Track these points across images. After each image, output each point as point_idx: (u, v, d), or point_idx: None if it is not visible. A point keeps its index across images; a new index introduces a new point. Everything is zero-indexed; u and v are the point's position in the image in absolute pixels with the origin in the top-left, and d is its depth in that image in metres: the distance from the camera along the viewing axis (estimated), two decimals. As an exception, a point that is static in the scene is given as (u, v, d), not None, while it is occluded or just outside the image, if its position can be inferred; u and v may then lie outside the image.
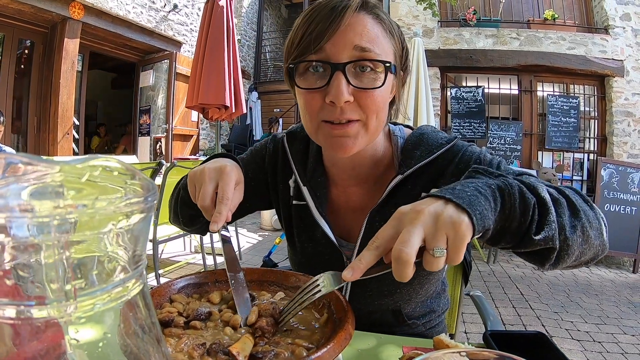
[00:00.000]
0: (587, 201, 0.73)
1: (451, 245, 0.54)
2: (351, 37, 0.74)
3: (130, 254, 0.25)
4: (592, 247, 0.70)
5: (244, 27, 9.60)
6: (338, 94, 0.73)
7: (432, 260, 0.54)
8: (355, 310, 0.91)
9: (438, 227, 0.54)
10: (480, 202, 0.58)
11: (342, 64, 0.74)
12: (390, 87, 0.81)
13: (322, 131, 0.80)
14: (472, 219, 0.55)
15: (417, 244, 0.53)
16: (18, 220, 0.20)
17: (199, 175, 0.81)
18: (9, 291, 0.22)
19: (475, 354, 0.42)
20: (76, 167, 0.22)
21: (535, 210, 0.63)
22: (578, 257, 0.69)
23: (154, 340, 0.29)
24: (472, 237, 0.56)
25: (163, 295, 0.69)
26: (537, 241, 0.62)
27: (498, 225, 0.62)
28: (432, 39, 6.20)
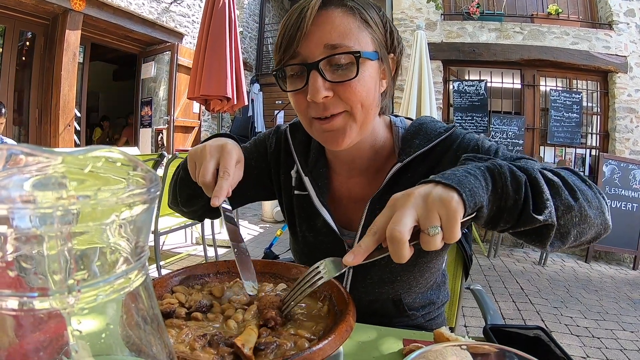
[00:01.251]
0: (584, 181, 0.73)
1: (445, 223, 0.56)
2: (320, 37, 0.77)
3: (133, 245, 0.25)
4: (592, 226, 0.70)
5: (246, 18, 9.55)
6: (314, 92, 0.76)
7: (429, 240, 0.56)
8: (356, 299, 0.92)
9: (429, 207, 0.56)
10: (470, 181, 0.60)
11: (315, 63, 0.77)
12: (374, 74, 0.81)
13: (314, 128, 0.85)
14: (461, 195, 0.57)
15: (408, 224, 0.55)
16: (20, 212, 0.20)
17: (199, 152, 0.82)
18: (12, 282, 0.22)
19: (476, 347, 0.42)
20: (79, 158, 0.22)
21: (528, 187, 0.64)
22: (578, 237, 0.70)
23: (156, 331, 0.29)
24: (466, 214, 0.58)
25: (164, 287, 0.69)
26: (535, 218, 0.63)
27: (494, 206, 0.64)
28: (435, 32, 6.16)
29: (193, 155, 0.83)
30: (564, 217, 0.66)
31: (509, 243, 5.83)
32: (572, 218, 0.67)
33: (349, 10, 0.79)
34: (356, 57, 0.76)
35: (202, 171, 0.78)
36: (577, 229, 0.68)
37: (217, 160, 0.79)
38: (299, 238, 1.02)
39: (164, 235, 3.27)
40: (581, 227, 0.69)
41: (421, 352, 0.40)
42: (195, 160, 0.82)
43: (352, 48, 0.76)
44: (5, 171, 0.21)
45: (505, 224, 0.66)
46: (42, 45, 5.51)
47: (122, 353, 0.27)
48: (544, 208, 0.64)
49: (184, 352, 0.51)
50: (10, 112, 5.09)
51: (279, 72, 0.83)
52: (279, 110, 9.06)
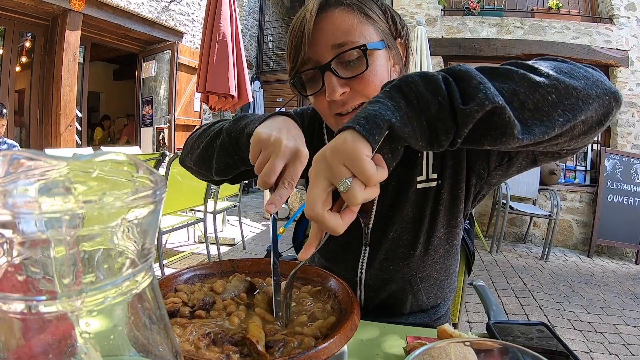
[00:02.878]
0: (563, 61, 0.66)
1: (352, 169, 0.52)
2: (325, 39, 0.80)
3: (140, 248, 0.25)
4: (587, 98, 0.60)
5: (246, 16, 9.53)
6: (331, 91, 0.80)
7: (346, 196, 0.53)
8: (371, 277, 0.96)
9: (329, 163, 0.53)
10: (366, 111, 0.55)
11: (327, 65, 0.80)
12: (384, 62, 0.84)
13: (337, 123, 0.86)
14: (354, 129, 0.53)
15: (318, 195, 0.53)
16: (27, 216, 0.21)
17: (272, 142, 0.71)
18: (20, 286, 0.22)
19: (479, 343, 0.43)
20: (85, 162, 0.23)
21: (450, 82, 0.57)
22: (572, 115, 0.59)
23: (162, 331, 0.29)
24: (374, 144, 0.53)
25: (169, 286, 0.69)
26: (469, 109, 0.55)
27: (422, 121, 0.57)
28: (435, 27, 6.14)
29: (264, 141, 0.72)
30: (533, 97, 0.57)
31: (511, 238, 5.84)
32: (545, 95, 0.57)
33: (347, 7, 0.81)
34: (363, 51, 0.79)
35: (268, 168, 0.69)
36: (561, 107, 0.58)
37: (287, 163, 0.70)
38: None
39: (166, 234, 3.28)
40: (568, 103, 0.59)
41: (425, 349, 0.41)
42: (263, 148, 0.72)
43: (357, 43, 0.79)
44: (11, 176, 0.22)
45: (447, 135, 0.57)
46: (42, 45, 5.51)
47: (130, 354, 0.27)
48: (477, 92, 0.55)
49: (189, 351, 0.51)
50: (11, 113, 5.09)
51: (295, 80, 0.86)
52: (279, 108, 9.06)
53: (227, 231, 5.05)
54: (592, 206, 5.55)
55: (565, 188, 5.73)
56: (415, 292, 0.98)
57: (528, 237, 5.77)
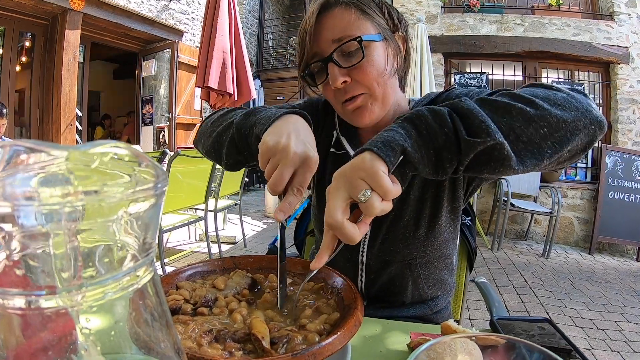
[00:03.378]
0: (551, 87, 0.69)
1: (371, 183, 0.58)
2: (325, 35, 0.88)
3: (141, 242, 0.24)
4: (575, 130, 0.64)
5: (246, 14, 9.52)
6: (333, 79, 0.87)
7: (365, 206, 0.58)
8: (372, 258, 0.99)
9: (349, 177, 0.59)
10: (382, 137, 0.62)
11: (329, 57, 0.88)
12: (381, 53, 0.89)
13: (344, 111, 0.94)
14: (372, 150, 0.59)
15: (339, 205, 0.58)
16: (26, 209, 0.20)
17: (280, 150, 0.70)
18: (19, 281, 0.21)
19: (484, 338, 0.42)
20: (85, 154, 0.22)
21: (455, 117, 0.63)
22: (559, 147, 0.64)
23: (164, 327, 0.28)
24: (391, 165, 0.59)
25: (170, 283, 0.69)
26: (474, 141, 0.61)
27: (429, 150, 0.63)
28: (435, 25, 6.13)
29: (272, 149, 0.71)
30: (527, 131, 0.62)
31: (512, 235, 5.83)
32: (538, 129, 0.62)
33: (346, 6, 0.89)
34: (359, 42, 0.85)
35: (277, 177, 0.68)
36: (551, 139, 0.63)
37: (296, 168, 0.69)
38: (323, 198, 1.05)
39: (167, 232, 3.28)
40: (557, 135, 0.63)
41: (430, 345, 0.40)
42: (271, 157, 0.71)
43: (354, 36, 0.86)
44: (9, 169, 0.21)
45: (451, 163, 0.63)
46: (42, 45, 5.51)
47: (131, 350, 0.27)
48: (480, 130, 0.61)
49: (191, 348, 0.51)
50: (12, 112, 5.10)
51: (306, 72, 0.94)
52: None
53: (228, 229, 5.05)
54: (593, 203, 5.54)
55: (567, 185, 5.73)
56: (415, 278, 0.99)
57: (529, 234, 5.77)
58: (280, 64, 9.99)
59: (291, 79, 9.24)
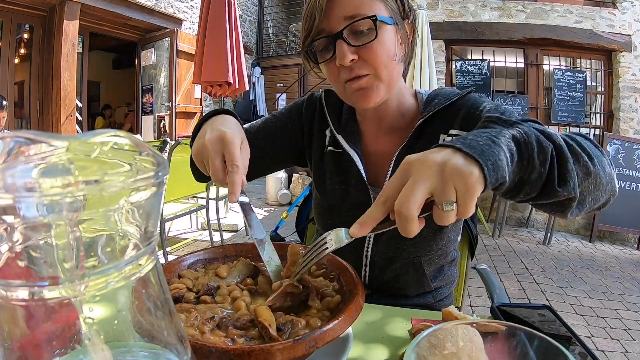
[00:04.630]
0: (597, 147, 0.72)
1: (460, 199, 0.52)
2: (337, 12, 0.85)
3: (142, 231, 0.24)
4: (604, 192, 0.69)
5: (245, 2, 9.43)
6: (341, 56, 0.85)
7: (442, 215, 0.53)
8: (377, 254, 0.99)
9: (445, 179, 0.52)
10: (494, 152, 0.55)
11: (339, 33, 0.85)
12: (392, 37, 0.88)
13: (346, 90, 0.91)
14: (483, 170, 0.52)
15: (419, 199, 0.52)
16: (27, 201, 0.20)
17: (202, 150, 0.79)
18: (22, 273, 0.22)
19: (485, 325, 0.43)
20: (85, 143, 0.22)
21: (554, 158, 0.61)
22: (592, 204, 0.69)
23: (167, 316, 0.29)
24: (484, 190, 0.54)
25: (172, 272, 0.69)
26: (559, 192, 0.61)
27: (516, 177, 0.60)
28: (436, 11, 6.07)
29: (198, 155, 0.81)
30: (583, 185, 0.64)
31: (513, 223, 5.84)
32: (589, 185, 0.65)
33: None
34: (373, 21, 0.83)
35: (211, 170, 0.76)
36: (592, 196, 0.67)
37: (222, 154, 0.77)
38: (328, 192, 1.06)
39: (169, 221, 3.29)
40: (595, 194, 0.67)
41: (431, 331, 0.41)
42: (202, 159, 0.80)
43: (367, 15, 0.84)
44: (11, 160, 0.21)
45: (525, 196, 0.64)
46: (40, 36, 5.47)
47: (134, 339, 0.27)
48: (569, 179, 0.61)
49: (194, 335, 0.51)
50: (12, 105, 5.08)
51: (308, 50, 0.92)
52: (280, 94, 9.01)
53: (229, 217, 5.06)
54: (594, 191, 5.53)
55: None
56: (419, 275, 1.00)
57: (530, 221, 5.78)
58: (281, 51, 9.91)
59: (291, 66, 9.18)
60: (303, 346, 0.47)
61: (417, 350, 0.38)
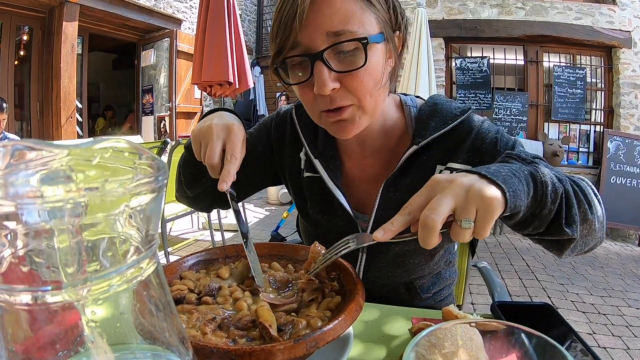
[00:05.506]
0: (596, 194, 0.74)
1: (480, 218, 0.55)
2: (321, 23, 0.69)
3: (143, 234, 0.25)
4: (594, 238, 0.73)
5: (244, 1, 9.42)
6: (320, 85, 0.71)
7: (460, 232, 0.55)
8: (369, 283, 0.95)
9: (469, 199, 0.55)
10: (514, 182, 0.59)
11: (319, 53, 0.70)
12: (381, 58, 0.75)
13: (322, 120, 0.81)
14: (505, 194, 0.56)
15: (445, 212, 0.54)
16: (29, 207, 0.21)
17: (205, 131, 0.78)
18: (25, 277, 0.22)
19: (484, 324, 0.43)
20: (86, 150, 0.22)
21: (563, 200, 0.65)
22: (582, 247, 0.73)
23: (168, 317, 0.29)
24: (502, 213, 0.57)
25: (174, 273, 0.70)
26: (564, 231, 0.65)
27: (529, 211, 0.64)
28: (435, 9, 6.06)
29: (198, 135, 0.80)
30: (584, 231, 0.69)
31: (514, 221, 5.83)
32: (583, 230, 0.69)
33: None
34: (363, 44, 0.70)
35: (209, 152, 0.75)
36: (584, 240, 0.71)
37: (224, 141, 0.77)
38: (312, 221, 0.99)
39: (170, 221, 3.30)
40: (587, 239, 0.72)
41: (431, 330, 0.41)
42: (201, 140, 0.79)
43: (357, 33, 0.70)
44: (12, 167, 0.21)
45: (533, 230, 0.67)
46: (39, 38, 5.47)
47: (136, 341, 0.27)
48: (574, 222, 0.66)
49: (195, 336, 0.52)
50: (12, 107, 5.08)
51: (279, 64, 0.77)
52: (281, 93, 9.01)
53: (230, 217, 5.05)
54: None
55: (568, 170, 5.71)
56: (413, 293, 0.98)
57: (531, 219, 5.76)
58: (281, 51, 9.89)
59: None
60: (304, 346, 0.47)
61: (416, 349, 0.39)
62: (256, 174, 1.03)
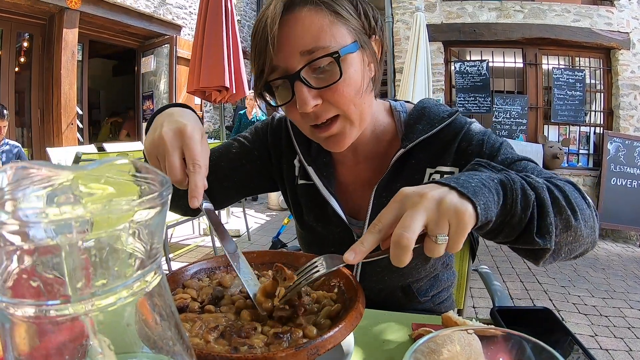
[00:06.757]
0: (584, 198, 0.72)
1: (453, 233, 0.54)
2: (293, 44, 0.72)
3: (148, 248, 0.25)
4: (583, 244, 0.71)
5: (243, 7, 9.46)
6: (302, 104, 0.73)
7: (434, 247, 0.54)
8: (367, 288, 0.93)
9: (441, 214, 0.53)
10: (484, 194, 0.57)
11: (296, 73, 0.73)
12: (358, 67, 0.77)
13: (313, 135, 0.83)
14: (476, 208, 0.55)
15: (418, 229, 0.52)
16: (36, 223, 0.21)
17: (157, 144, 0.69)
18: (34, 292, 0.22)
19: (483, 331, 0.43)
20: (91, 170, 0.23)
21: (535, 208, 0.63)
22: (569, 254, 0.70)
23: (172, 327, 0.30)
24: (474, 227, 0.56)
25: (177, 282, 0.70)
26: (535, 241, 0.63)
27: (498, 220, 0.62)
28: (434, 13, 6.08)
29: (151, 150, 0.70)
30: (560, 236, 0.66)
31: (515, 224, 5.82)
32: (567, 237, 0.67)
33: (316, 6, 0.73)
34: (335, 58, 0.72)
35: (168, 169, 0.67)
36: (569, 247, 0.69)
37: (181, 150, 0.68)
38: (307, 228, 1.01)
39: (172, 227, 3.30)
40: (573, 245, 0.69)
41: (430, 337, 0.41)
42: (157, 155, 0.69)
43: (329, 48, 0.72)
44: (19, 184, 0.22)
45: (504, 238, 0.66)
46: (40, 45, 5.51)
47: (141, 350, 0.28)
48: (547, 232, 0.63)
49: (198, 344, 0.52)
50: (12, 113, 5.10)
51: (262, 89, 0.79)
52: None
53: (231, 223, 5.07)
54: (595, 190, 5.53)
55: (569, 172, 5.71)
56: (410, 297, 0.99)
57: (532, 221, 5.75)
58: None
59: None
60: (305, 354, 0.48)
61: (415, 355, 0.39)
62: (251, 178, 1.03)
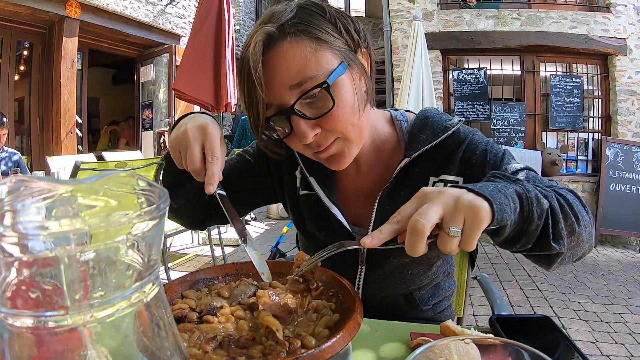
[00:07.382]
0: (584, 205, 0.75)
1: (467, 228, 0.56)
2: (280, 81, 0.73)
3: (146, 260, 0.26)
4: (582, 248, 0.74)
5: (242, 17, 9.52)
6: (301, 136, 0.76)
7: (447, 240, 0.56)
8: (368, 296, 0.96)
9: (458, 207, 0.56)
10: (500, 197, 0.59)
11: (290, 108, 0.74)
12: (349, 88, 0.77)
13: (316, 157, 0.85)
14: (492, 206, 0.57)
15: (433, 218, 0.55)
16: (35, 235, 0.21)
17: (181, 137, 0.77)
18: (33, 303, 0.23)
19: (481, 340, 0.43)
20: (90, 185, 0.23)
21: (549, 215, 0.65)
22: (571, 258, 0.74)
23: (170, 337, 0.30)
24: (489, 225, 0.58)
25: (175, 292, 0.70)
26: (552, 246, 0.66)
27: (516, 228, 0.64)
28: (432, 21, 6.12)
29: (175, 142, 0.78)
30: (570, 244, 0.69)
31: (514, 230, 5.81)
32: (571, 242, 0.69)
33: (295, 37, 0.73)
34: (325, 89, 0.73)
35: (189, 157, 0.74)
36: (572, 251, 0.72)
37: (202, 144, 0.75)
38: (310, 237, 1.02)
39: (171, 237, 3.29)
40: (575, 250, 0.72)
41: (428, 347, 0.41)
42: (179, 148, 0.77)
43: (317, 77, 0.72)
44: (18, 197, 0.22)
45: (521, 246, 0.68)
46: (40, 54, 5.53)
47: (139, 360, 0.28)
48: (560, 237, 0.66)
49: (196, 355, 0.52)
50: (12, 122, 5.11)
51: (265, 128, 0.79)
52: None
53: (230, 232, 5.05)
54: (594, 195, 5.54)
55: (567, 178, 5.72)
56: (412, 305, 1.00)
57: (531, 228, 5.75)
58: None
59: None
60: (303, 363, 0.48)
61: (414, 365, 0.39)
62: (255, 193, 1.05)
